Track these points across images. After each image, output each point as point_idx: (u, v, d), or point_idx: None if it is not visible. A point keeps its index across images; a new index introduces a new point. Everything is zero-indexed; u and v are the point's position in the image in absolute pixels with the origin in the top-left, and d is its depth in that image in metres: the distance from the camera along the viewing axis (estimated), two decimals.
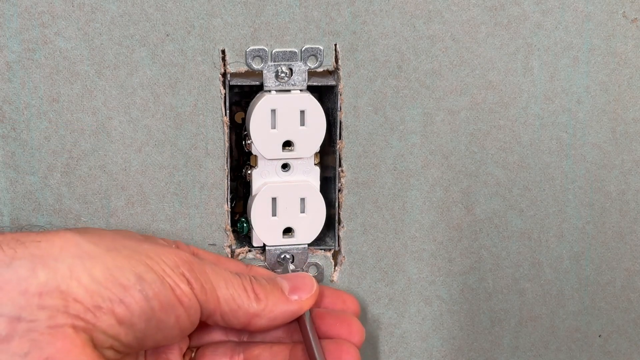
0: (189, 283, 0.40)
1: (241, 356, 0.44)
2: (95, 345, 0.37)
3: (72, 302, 0.36)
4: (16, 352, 0.35)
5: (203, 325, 0.44)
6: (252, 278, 0.43)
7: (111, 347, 0.38)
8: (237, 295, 0.41)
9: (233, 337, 0.46)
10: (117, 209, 0.46)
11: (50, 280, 0.36)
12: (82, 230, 0.40)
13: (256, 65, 0.46)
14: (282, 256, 0.49)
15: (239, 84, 0.47)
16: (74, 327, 0.36)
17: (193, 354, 0.45)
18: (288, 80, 0.47)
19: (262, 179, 0.48)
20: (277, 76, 0.47)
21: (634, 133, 0.52)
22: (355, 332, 0.44)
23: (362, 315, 0.51)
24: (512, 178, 0.51)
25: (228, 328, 0.45)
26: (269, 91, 0.47)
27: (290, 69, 0.47)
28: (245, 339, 0.46)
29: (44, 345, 0.35)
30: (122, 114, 0.46)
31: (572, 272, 0.53)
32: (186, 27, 0.45)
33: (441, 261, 0.51)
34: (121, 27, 0.45)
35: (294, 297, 0.43)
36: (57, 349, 0.36)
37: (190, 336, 0.45)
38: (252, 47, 0.46)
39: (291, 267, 0.48)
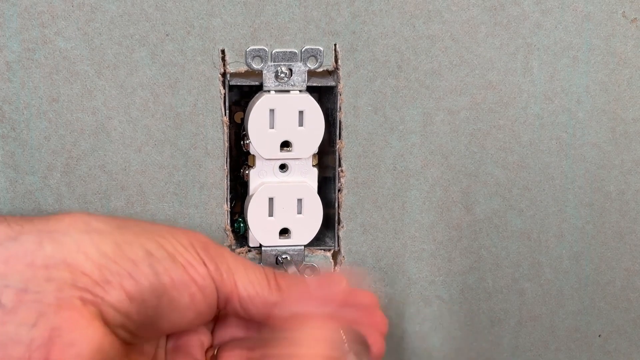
0: (203, 263, 0.39)
1: (261, 349, 0.42)
2: (106, 321, 0.37)
3: (79, 275, 0.36)
4: (23, 323, 0.35)
5: (224, 321, 0.43)
6: (276, 271, 0.42)
7: (123, 326, 0.37)
8: (256, 281, 0.40)
9: (254, 334, 0.44)
10: (117, 209, 0.47)
11: (57, 253, 0.36)
12: (92, 213, 0.40)
13: (256, 65, 0.46)
14: (284, 257, 0.49)
15: (238, 84, 0.47)
16: (82, 300, 0.36)
17: (215, 352, 0.43)
18: (288, 81, 0.47)
19: (260, 179, 0.48)
20: (276, 76, 0.47)
21: (634, 133, 0.52)
22: (377, 322, 0.42)
23: None
24: (512, 178, 0.51)
25: (249, 322, 0.43)
26: (268, 91, 0.47)
27: (290, 70, 0.47)
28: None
29: (50, 316, 0.35)
30: (122, 113, 0.46)
31: (571, 272, 0.53)
32: (186, 27, 0.45)
33: (441, 261, 0.51)
34: (121, 27, 0.45)
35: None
36: (64, 319, 0.35)
37: (212, 333, 0.44)
38: (252, 47, 0.46)
39: (292, 269, 0.48)
